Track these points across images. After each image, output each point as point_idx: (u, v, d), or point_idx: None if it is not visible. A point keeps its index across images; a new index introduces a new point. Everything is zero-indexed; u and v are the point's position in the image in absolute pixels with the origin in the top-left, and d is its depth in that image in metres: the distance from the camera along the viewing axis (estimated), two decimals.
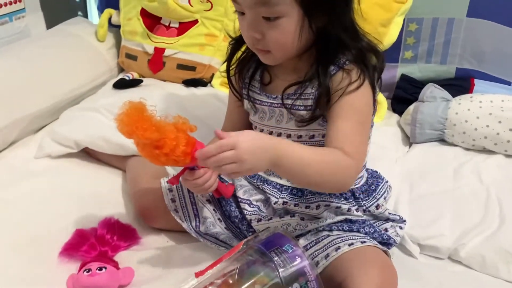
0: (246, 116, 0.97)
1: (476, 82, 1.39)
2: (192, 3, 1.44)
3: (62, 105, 1.36)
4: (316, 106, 0.83)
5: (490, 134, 1.23)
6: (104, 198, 1.10)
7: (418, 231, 1.00)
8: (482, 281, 0.93)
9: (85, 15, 1.91)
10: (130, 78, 1.48)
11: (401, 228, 0.95)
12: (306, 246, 0.87)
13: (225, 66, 0.97)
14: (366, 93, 0.81)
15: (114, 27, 1.63)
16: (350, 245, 0.84)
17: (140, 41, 1.50)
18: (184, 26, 1.47)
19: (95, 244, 0.93)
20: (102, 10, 1.66)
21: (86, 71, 1.48)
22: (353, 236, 0.87)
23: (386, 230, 0.93)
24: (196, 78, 1.44)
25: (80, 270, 0.87)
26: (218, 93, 1.38)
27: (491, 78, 1.40)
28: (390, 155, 1.24)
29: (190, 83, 1.43)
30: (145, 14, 1.50)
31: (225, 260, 0.78)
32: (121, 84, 1.43)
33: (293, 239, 0.80)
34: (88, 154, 1.25)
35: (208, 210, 0.97)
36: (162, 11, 1.46)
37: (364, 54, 0.83)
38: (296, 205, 0.90)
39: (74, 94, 1.41)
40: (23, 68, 1.34)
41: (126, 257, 0.94)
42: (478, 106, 1.25)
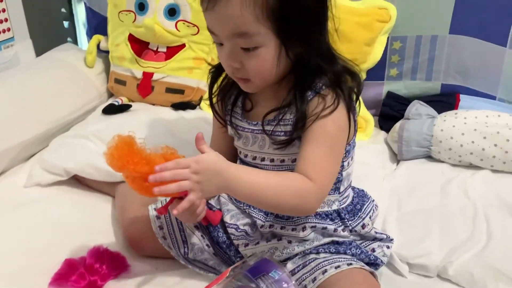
0: (231, 141, 0.98)
1: (461, 97, 1.40)
2: (179, 28, 1.46)
3: (52, 132, 1.37)
4: (293, 131, 0.84)
5: (476, 150, 1.24)
6: (94, 226, 1.10)
7: (406, 250, 1.00)
8: None
9: (74, 41, 1.93)
10: (120, 103, 1.49)
11: (388, 247, 0.95)
12: (293, 270, 0.88)
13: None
14: (340, 117, 0.83)
15: (103, 53, 1.65)
16: (336, 267, 0.84)
17: (128, 66, 1.52)
18: (171, 50, 1.49)
19: (84, 273, 0.93)
20: (91, 36, 1.68)
21: (76, 98, 1.49)
22: (339, 258, 0.87)
23: (373, 250, 0.94)
24: (184, 102, 1.45)
25: None
26: (207, 116, 1.39)
27: (477, 93, 1.42)
28: (377, 173, 1.25)
29: (178, 107, 1.45)
30: (133, 40, 1.52)
31: (212, 287, 0.79)
32: (110, 109, 1.44)
33: (279, 265, 0.81)
34: (78, 181, 1.26)
35: (196, 236, 0.97)
36: (149, 37, 1.48)
37: (339, 77, 0.84)
38: (282, 227, 0.91)
39: (64, 121, 1.41)
40: (13, 96, 1.35)
41: (115, 285, 0.94)
42: (463, 123, 1.26)
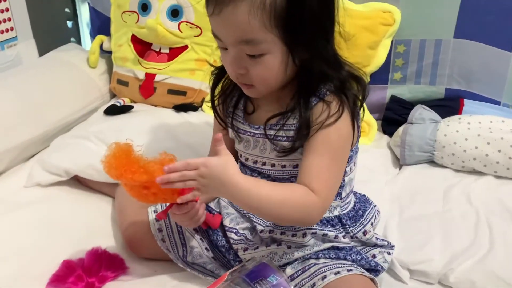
0: (232, 144, 0.97)
1: (465, 102, 1.39)
2: (181, 29, 1.46)
3: (53, 133, 1.37)
4: (296, 137, 0.83)
5: (479, 155, 1.23)
6: (93, 227, 1.10)
7: (407, 256, 0.99)
8: None
9: (78, 41, 1.93)
10: (121, 104, 1.49)
11: (389, 253, 0.94)
12: (293, 275, 0.87)
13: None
14: (344, 125, 0.82)
15: (106, 53, 1.65)
16: (336, 273, 0.84)
17: (131, 67, 1.52)
18: (174, 52, 1.49)
19: (82, 275, 0.92)
20: (94, 36, 1.68)
21: (78, 98, 1.49)
22: (339, 264, 0.86)
23: (374, 256, 0.93)
24: (186, 103, 1.45)
25: None
26: (209, 118, 1.38)
27: (481, 98, 1.41)
28: (379, 178, 1.24)
29: (180, 108, 1.44)
30: (135, 40, 1.52)
31: None
32: (112, 110, 1.44)
33: (278, 270, 0.80)
34: (78, 181, 1.26)
35: (195, 239, 0.96)
36: (152, 37, 1.48)
37: (344, 83, 0.83)
38: (282, 233, 0.90)
39: (65, 121, 1.41)
40: (14, 97, 1.35)
41: (113, 287, 0.93)
42: (467, 128, 1.25)
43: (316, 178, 0.80)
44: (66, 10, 1.86)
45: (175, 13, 1.45)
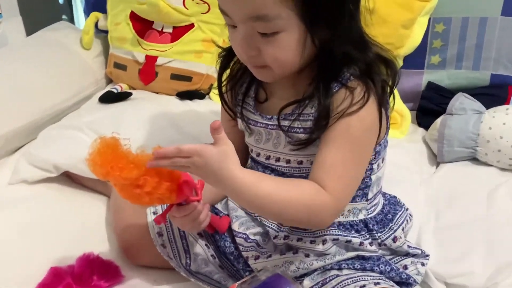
0: (242, 137, 0.97)
1: None
2: (187, 5, 1.45)
3: (41, 123, 1.38)
4: (314, 128, 0.82)
5: None
6: (85, 229, 1.11)
7: (444, 267, 0.98)
8: None
9: (70, 19, 1.94)
10: (119, 90, 1.50)
11: (423, 264, 0.94)
12: None
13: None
14: (368, 115, 0.81)
15: (102, 33, 1.66)
16: (362, 287, 0.83)
17: (129, 48, 1.53)
18: (178, 31, 1.49)
19: (72, 284, 0.93)
20: (88, 13, 1.69)
21: (70, 84, 1.51)
22: (365, 276, 0.86)
23: (405, 267, 0.92)
24: (191, 90, 1.45)
25: None
26: (217, 107, 1.37)
27: None
28: (413, 177, 1.23)
29: (185, 96, 1.44)
30: (135, 18, 1.53)
31: None
32: (107, 97, 1.45)
33: (294, 282, 0.79)
34: (69, 178, 1.27)
35: (200, 245, 0.96)
36: (153, 15, 1.48)
37: (371, 67, 0.82)
38: (299, 239, 0.89)
39: (55, 110, 1.43)
40: None
41: None
42: None
43: (329, 174, 0.79)
44: None
45: None
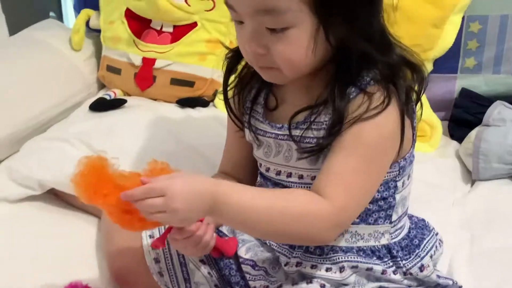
0: (250, 150, 0.98)
1: None
2: (189, 2, 1.47)
3: (24, 134, 1.39)
4: (326, 135, 0.83)
5: None
6: (73, 254, 1.11)
7: None
8: None
9: (58, 16, 1.97)
10: (112, 97, 1.51)
11: None
12: None
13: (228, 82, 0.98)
14: (387, 122, 0.81)
15: (94, 32, 1.68)
16: None
17: (124, 49, 1.54)
18: (179, 31, 1.50)
19: None
20: (79, 10, 1.71)
21: (57, 90, 1.52)
22: None
23: None
24: (194, 97, 1.46)
25: None
26: (222, 115, 1.38)
27: None
28: (444, 197, 1.23)
29: (186, 103, 1.45)
30: (131, 16, 1.54)
31: None
32: (99, 105, 1.47)
33: None
34: (56, 196, 1.28)
35: (202, 273, 0.97)
36: (151, 12, 1.50)
37: (394, 70, 0.83)
38: (313, 266, 0.90)
39: (40, 119, 1.44)
40: None
41: None
42: None
43: (333, 181, 0.80)
44: None
45: None
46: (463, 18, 1.42)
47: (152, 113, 1.41)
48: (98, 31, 1.64)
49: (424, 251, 0.93)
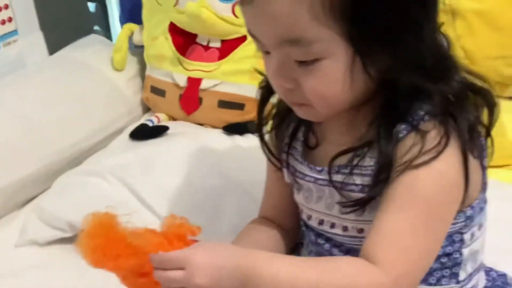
0: (290, 193, 0.95)
1: None
2: (237, 13, 1.46)
3: (58, 167, 1.43)
4: (372, 185, 0.79)
5: None
6: None
7: None
8: None
9: (106, 30, 2.01)
10: (154, 123, 1.53)
11: None
12: None
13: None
14: (447, 166, 0.76)
15: (139, 48, 1.70)
16: None
17: (169, 69, 1.56)
18: (228, 45, 1.50)
19: None
20: (123, 24, 1.74)
21: (96, 115, 1.56)
22: None
23: None
24: (242, 122, 1.45)
25: None
26: None
27: None
28: None
29: (233, 130, 1.44)
30: (175, 31, 1.56)
31: None
32: (139, 133, 1.49)
33: None
34: None
35: None
36: (196, 26, 1.50)
37: (454, 100, 0.78)
38: None
39: (76, 149, 1.48)
40: (9, 117, 1.43)
41: None
42: None
43: (386, 245, 0.76)
44: None
45: None
46: None
47: (195, 142, 1.40)
48: (143, 47, 1.65)
49: None
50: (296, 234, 1.01)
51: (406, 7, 0.75)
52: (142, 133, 1.48)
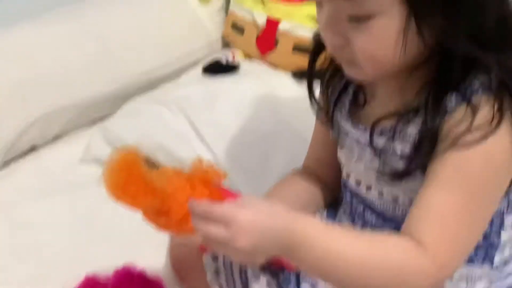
0: (335, 150, 0.93)
1: None
2: None
3: (130, 91, 1.46)
4: (414, 155, 0.76)
5: None
6: (139, 232, 1.13)
7: None
8: None
9: None
10: (229, 59, 1.52)
11: None
12: None
13: None
14: (499, 146, 0.72)
15: None
16: None
17: (250, 7, 1.54)
18: None
19: None
20: None
21: (175, 45, 1.57)
22: None
23: None
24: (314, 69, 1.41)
25: None
26: None
27: None
28: None
29: (301, 76, 1.40)
30: None
31: None
32: (212, 68, 1.48)
33: None
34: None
35: (259, 283, 0.94)
36: None
37: None
38: None
39: (149, 76, 1.49)
40: (87, 36, 1.45)
41: None
42: None
43: (434, 227, 0.72)
44: None
45: None
46: None
47: (262, 85, 1.39)
48: None
49: None
50: (335, 191, 0.98)
51: None
52: (214, 68, 1.48)
